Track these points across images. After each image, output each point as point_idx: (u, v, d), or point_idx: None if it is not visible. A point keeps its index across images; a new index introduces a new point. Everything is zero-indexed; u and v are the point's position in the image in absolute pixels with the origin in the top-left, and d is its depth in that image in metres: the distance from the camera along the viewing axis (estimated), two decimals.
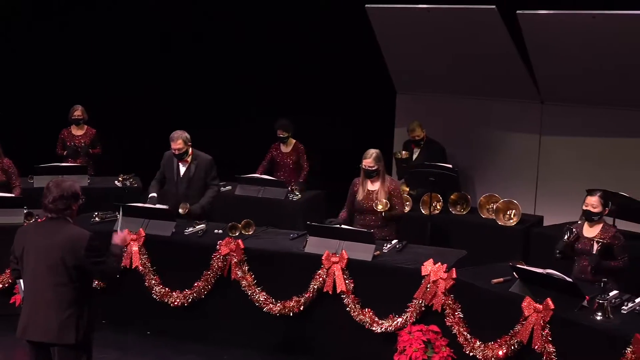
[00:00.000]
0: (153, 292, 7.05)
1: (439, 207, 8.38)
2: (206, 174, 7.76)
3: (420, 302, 6.36)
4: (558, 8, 8.25)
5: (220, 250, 6.87)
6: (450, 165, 8.36)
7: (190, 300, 6.98)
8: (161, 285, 7.05)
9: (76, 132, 9.66)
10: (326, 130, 10.68)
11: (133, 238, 7.06)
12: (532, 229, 8.14)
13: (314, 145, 9.64)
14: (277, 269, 6.82)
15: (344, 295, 6.56)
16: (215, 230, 7.22)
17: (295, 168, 9.39)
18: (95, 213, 7.52)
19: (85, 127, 9.70)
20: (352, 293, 6.55)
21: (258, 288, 6.81)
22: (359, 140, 7.71)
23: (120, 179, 9.28)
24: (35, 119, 10.86)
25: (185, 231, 7.22)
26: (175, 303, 7.01)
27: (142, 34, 11.17)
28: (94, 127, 9.74)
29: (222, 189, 8.95)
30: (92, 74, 11.18)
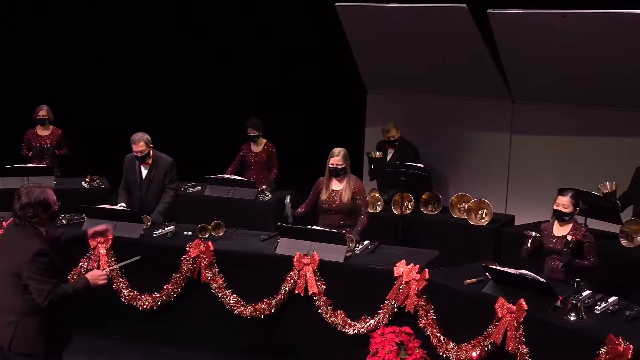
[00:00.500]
0: (121, 295, 6.94)
1: (410, 207, 8.35)
2: (165, 175, 7.59)
3: (392, 304, 6.31)
4: (529, 7, 8.24)
5: (189, 253, 6.79)
6: (422, 165, 8.32)
7: (159, 303, 6.88)
8: (130, 289, 6.94)
9: (42, 133, 9.50)
10: (297, 130, 10.60)
11: (100, 241, 6.95)
12: (504, 228, 8.13)
13: (284, 145, 9.56)
14: (248, 271, 6.74)
15: (316, 297, 6.50)
16: (185, 232, 7.13)
17: (265, 167, 9.31)
18: (62, 215, 7.37)
19: (51, 128, 9.54)
20: (324, 295, 6.50)
21: (228, 290, 6.72)
22: (330, 139, 7.65)
23: (87, 180, 9.13)
24: (0, 120, 10.67)
25: (154, 233, 7.11)
26: (144, 306, 6.91)
27: (108, 34, 11.02)
28: (60, 128, 9.58)
29: (192, 190, 8.85)
30: (58, 74, 11.00)
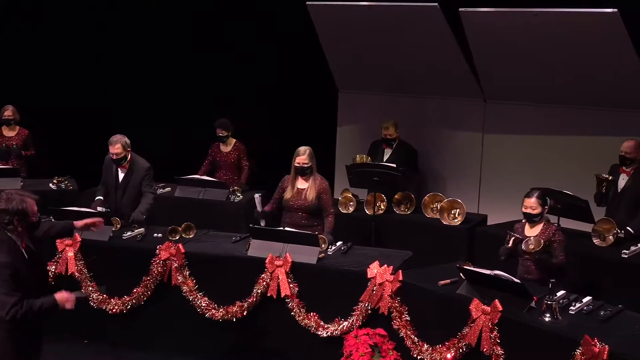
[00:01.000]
0: (90, 299, 6.83)
1: (383, 207, 8.29)
2: (141, 181, 7.45)
3: (366, 305, 6.27)
4: (501, 6, 8.22)
5: (159, 255, 6.69)
6: (394, 165, 8.27)
7: (129, 306, 6.78)
8: (98, 292, 6.83)
9: (7, 133, 9.33)
10: (268, 129, 10.52)
11: (68, 243, 6.84)
12: (477, 228, 8.09)
13: (255, 145, 9.48)
14: (220, 273, 6.67)
15: (289, 300, 6.44)
16: (155, 234, 7.05)
17: (235, 168, 9.23)
18: None
19: (17, 128, 9.38)
20: (297, 297, 6.44)
21: (200, 293, 6.65)
22: (302, 139, 7.59)
23: (55, 181, 8.98)
24: None
25: (124, 235, 7.00)
26: (114, 310, 6.81)
27: (76, 33, 10.85)
28: (27, 128, 9.41)
29: (162, 191, 8.74)
30: (24, 74, 10.81)
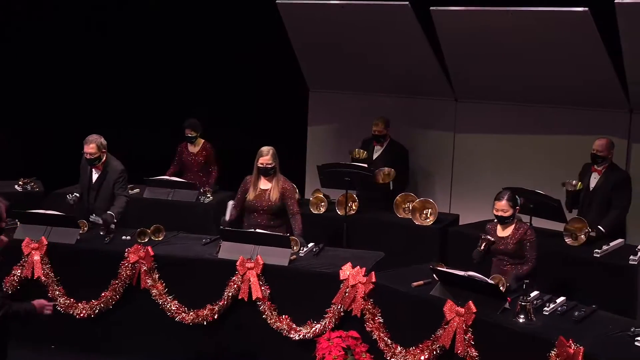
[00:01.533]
0: (57, 304, 6.69)
1: (354, 208, 8.23)
2: (114, 183, 7.34)
3: (339, 308, 6.21)
4: (472, 4, 8.19)
5: (128, 258, 6.59)
6: (365, 165, 8.22)
7: (97, 311, 6.67)
8: (66, 296, 6.72)
9: None
10: (238, 130, 10.41)
11: (34, 247, 6.71)
12: (449, 228, 8.06)
13: (223, 146, 9.38)
14: (190, 276, 6.58)
15: (260, 302, 6.37)
16: (123, 237, 6.93)
17: (204, 169, 9.13)
18: None
19: None
20: (269, 299, 6.37)
21: (169, 297, 6.56)
22: (272, 139, 7.52)
23: (20, 182, 8.83)
24: None
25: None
26: (82, 315, 6.69)
27: (45, 32, 10.68)
28: None
29: (130, 192, 8.59)
30: None
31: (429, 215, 8.02)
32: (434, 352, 5.58)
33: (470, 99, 9.15)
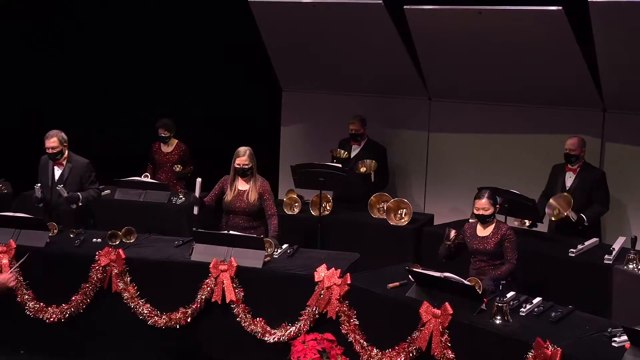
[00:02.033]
0: (27, 308, 6.60)
1: (328, 208, 8.16)
2: (82, 178, 7.30)
3: (314, 310, 6.16)
4: (445, 3, 8.16)
5: (99, 261, 6.50)
6: (339, 165, 8.16)
7: (67, 315, 6.57)
8: (35, 301, 6.61)
9: None
10: (211, 130, 10.33)
11: (2, 250, 6.59)
12: (424, 228, 8.02)
13: (197, 145, 9.28)
14: (162, 279, 6.49)
15: (234, 305, 6.30)
16: (94, 239, 6.84)
17: (176, 169, 9.01)
18: None
19: None
20: (243, 302, 6.30)
21: (141, 300, 6.46)
22: (245, 139, 7.46)
23: None
24: None
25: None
26: (52, 319, 6.58)
27: (12, 31, 10.51)
28: None
29: (102, 193, 8.48)
30: None
31: (403, 216, 7.98)
32: (411, 355, 5.53)
33: (443, 98, 9.12)
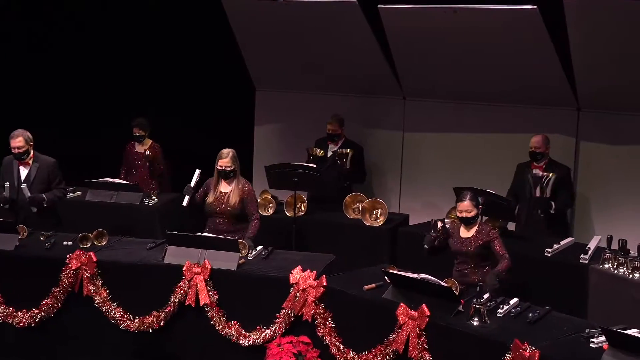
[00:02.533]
0: None
1: (303, 209, 8.10)
2: (49, 177, 7.21)
3: (289, 312, 6.10)
4: (420, 2, 8.13)
5: (70, 264, 6.39)
6: (314, 165, 8.10)
7: (37, 319, 6.47)
8: (4, 305, 6.51)
9: None
10: (184, 130, 10.23)
11: None
12: (399, 228, 7.99)
13: (169, 146, 9.18)
14: (134, 282, 6.40)
15: (208, 308, 6.22)
16: (65, 242, 6.74)
17: (150, 169, 8.93)
18: None
19: None
20: (217, 305, 6.23)
21: (113, 304, 6.37)
22: (219, 139, 7.39)
23: None
24: None
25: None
26: (21, 324, 6.48)
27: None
28: None
29: (72, 195, 8.37)
30: None
31: (379, 216, 7.93)
32: (387, 357, 5.48)
33: (418, 97, 9.10)
